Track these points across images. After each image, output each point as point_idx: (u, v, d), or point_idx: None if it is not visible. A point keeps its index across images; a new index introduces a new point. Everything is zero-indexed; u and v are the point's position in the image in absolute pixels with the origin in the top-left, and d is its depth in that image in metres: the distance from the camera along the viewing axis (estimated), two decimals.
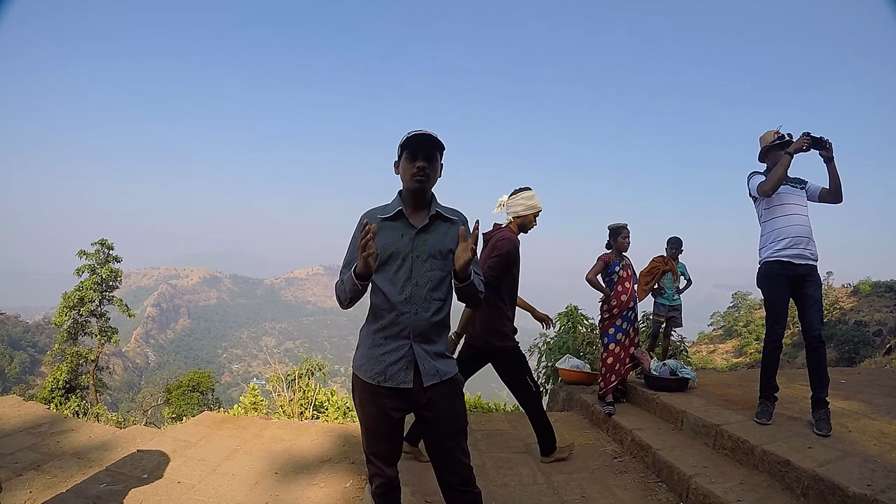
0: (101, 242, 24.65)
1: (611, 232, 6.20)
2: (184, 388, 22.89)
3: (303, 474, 4.67)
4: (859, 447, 4.16)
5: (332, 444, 5.42)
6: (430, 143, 2.62)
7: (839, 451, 4.06)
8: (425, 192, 2.69)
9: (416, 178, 2.61)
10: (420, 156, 2.61)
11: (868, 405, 5.49)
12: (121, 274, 25.30)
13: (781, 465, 3.96)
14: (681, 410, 5.36)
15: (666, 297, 8.02)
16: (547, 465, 4.82)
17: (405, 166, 2.65)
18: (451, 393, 2.72)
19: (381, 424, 2.67)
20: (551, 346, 9.29)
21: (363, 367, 2.67)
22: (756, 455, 4.23)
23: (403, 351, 2.61)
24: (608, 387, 6.02)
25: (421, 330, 2.62)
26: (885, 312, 39.02)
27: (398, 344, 2.61)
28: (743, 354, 45.36)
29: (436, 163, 2.67)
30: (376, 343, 2.65)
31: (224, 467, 4.69)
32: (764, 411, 4.87)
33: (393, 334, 2.62)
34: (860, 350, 32.29)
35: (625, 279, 6.11)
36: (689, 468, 4.31)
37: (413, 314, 2.61)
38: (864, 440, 4.33)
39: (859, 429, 4.63)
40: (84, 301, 23.50)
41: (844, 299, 45.18)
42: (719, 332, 57.49)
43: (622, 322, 6.09)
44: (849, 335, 35.10)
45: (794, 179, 4.79)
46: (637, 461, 4.96)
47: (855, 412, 5.20)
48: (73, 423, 5.88)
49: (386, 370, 2.60)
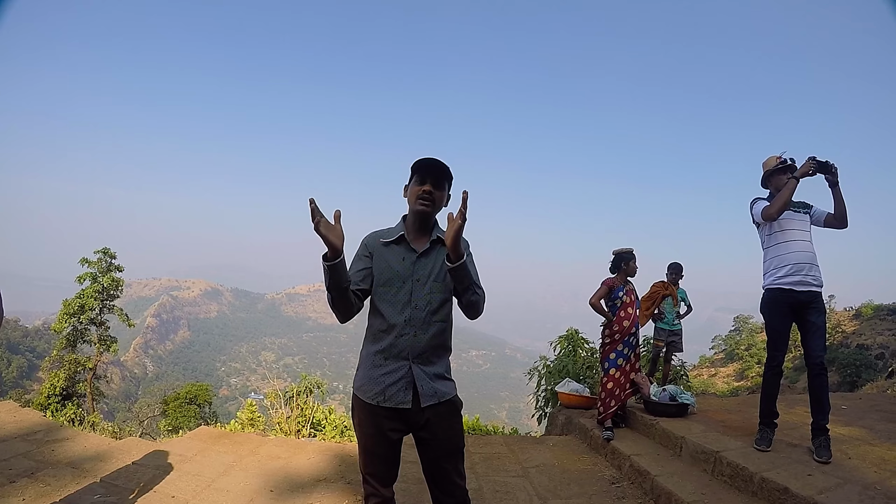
0: (104, 251, 24.64)
1: (618, 257, 6.20)
2: (181, 400, 22.83)
3: (298, 493, 4.63)
4: (859, 474, 4.16)
5: (328, 463, 5.39)
6: (440, 170, 2.66)
7: (839, 479, 4.06)
8: (429, 216, 2.72)
9: (421, 201, 2.64)
10: (428, 180, 2.64)
11: (869, 431, 5.48)
12: (122, 283, 25.27)
13: (780, 492, 3.94)
14: (680, 436, 5.34)
15: (666, 322, 8.02)
16: (544, 491, 4.78)
17: (413, 189, 2.68)
18: (449, 414, 2.72)
19: (379, 445, 2.67)
20: (551, 369, 9.25)
21: (363, 388, 2.68)
22: (755, 482, 4.20)
23: (402, 372, 2.62)
24: (607, 412, 6.00)
25: (420, 351, 2.64)
26: (888, 335, 38.90)
27: (398, 365, 2.62)
28: (744, 378, 45.24)
29: (443, 190, 2.70)
30: (376, 364, 2.66)
31: (219, 483, 4.67)
32: (763, 438, 4.85)
33: (392, 355, 2.63)
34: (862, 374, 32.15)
35: (628, 304, 6.10)
36: (688, 495, 4.29)
37: (412, 336, 2.62)
38: (864, 467, 4.33)
39: (860, 455, 4.63)
40: (84, 309, 23.46)
41: (846, 322, 45.10)
42: (721, 356, 57.41)
43: (624, 347, 6.08)
44: (851, 358, 34.97)
45: (799, 204, 4.79)
46: (635, 487, 4.92)
47: (855, 438, 5.19)
48: (69, 431, 5.86)
49: (385, 391, 2.61)
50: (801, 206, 4.79)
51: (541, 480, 5.05)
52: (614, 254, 6.24)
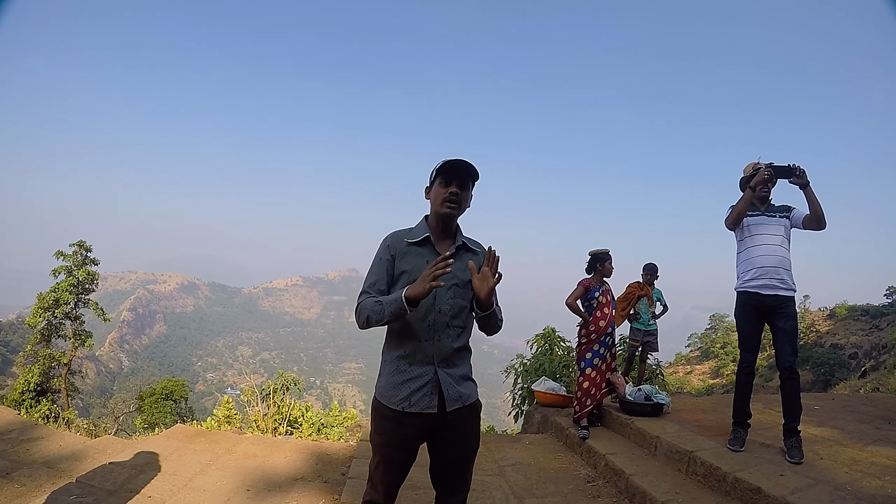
0: (80, 244, 24.37)
1: (594, 258, 6.24)
2: (157, 395, 22.70)
3: (275, 492, 4.63)
4: (830, 475, 4.23)
5: (304, 461, 5.39)
6: (466, 170, 2.62)
7: (810, 479, 4.13)
8: (454, 219, 2.70)
9: (448, 204, 2.61)
10: (454, 182, 2.61)
11: (841, 432, 5.58)
12: (98, 277, 25.01)
13: (753, 492, 4.01)
14: (655, 436, 5.40)
15: (641, 323, 8.08)
16: (520, 489, 4.81)
17: (438, 191, 2.64)
18: (471, 416, 2.73)
19: (399, 453, 2.66)
20: (528, 367, 9.27)
21: (387, 394, 2.64)
22: (728, 482, 4.27)
23: (428, 377, 2.60)
24: (583, 410, 6.05)
25: (444, 355, 2.63)
26: (861, 336, 39.43)
27: (423, 370, 2.61)
28: (720, 376, 45.63)
29: (468, 191, 2.67)
30: (400, 369, 2.64)
31: (196, 482, 4.64)
32: (736, 438, 4.93)
33: (417, 360, 2.62)
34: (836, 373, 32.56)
35: (604, 305, 6.15)
36: (662, 494, 4.34)
37: (436, 340, 2.61)
38: (835, 468, 4.41)
39: (831, 456, 4.71)
40: (59, 303, 23.20)
41: (821, 322, 45.66)
42: (696, 354, 57.83)
43: (600, 347, 6.13)
44: (824, 358, 35.40)
45: (779, 207, 4.84)
46: (610, 486, 4.96)
47: (827, 439, 5.28)
48: (44, 430, 5.83)
49: (411, 396, 2.59)
50: (779, 209, 4.84)
51: (517, 479, 5.07)
52: (590, 255, 6.28)
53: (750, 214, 4.91)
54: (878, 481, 4.11)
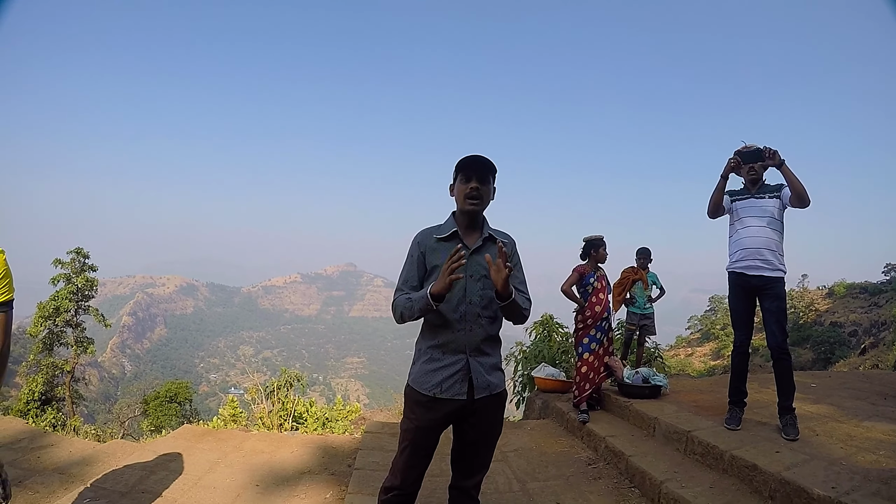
0: (77, 251, 24.38)
1: (588, 244, 6.30)
2: (161, 398, 22.72)
3: (283, 486, 4.71)
4: (826, 450, 4.30)
5: (311, 455, 5.47)
6: (483, 165, 2.73)
7: (806, 455, 4.20)
8: (478, 213, 2.80)
9: (469, 200, 2.73)
10: (474, 178, 2.72)
11: (837, 408, 5.64)
12: (96, 283, 25.04)
13: (749, 469, 4.09)
14: (653, 417, 5.49)
15: (637, 307, 8.14)
16: (523, 474, 4.89)
17: (459, 188, 2.76)
18: (497, 404, 2.84)
19: (428, 437, 2.78)
20: (527, 354, 9.35)
21: (419, 380, 2.77)
22: (725, 460, 4.35)
23: (460, 365, 2.72)
24: (582, 395, 6.13)
25: (476, 345, 2.75)
26: (860, 313, 39.65)
27: (456, 358, 2.73)
28: (720, 357, 45.74)
29: (488, 185, 2.77)
30: (434, 358, 2.76)
31: (206, 480, 4.71)
32: (733, 417, 5.02)
33: (450, 350, 2.73)
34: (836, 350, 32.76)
35: (599, 290, 6.22)
36: (661, 473, 4.42)
37: (468, 331, 2.73)
38: (830, 443, 4.47)
39: (827, 432, 4.78)
40: (59, 311, 23.23)
41: (820, 301, 45.83)
42: (697, 336, 57.98)
43: (596, 332, 6.22)
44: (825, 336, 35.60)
45: (772, 187, 4.85)
46: (611, 467, 5.05)
47: (823, 416, 5.35)
48: (53, 437, 5.88)
49: (442, 383, 2.71)
50: (771, 189, 4.86)
51: (519, 464, 5.16)
52: (585, 241, 6.34)
53: (738, 198, 4.97)
54: (873, 456, 4.17)
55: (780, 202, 4.79)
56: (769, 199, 4.82)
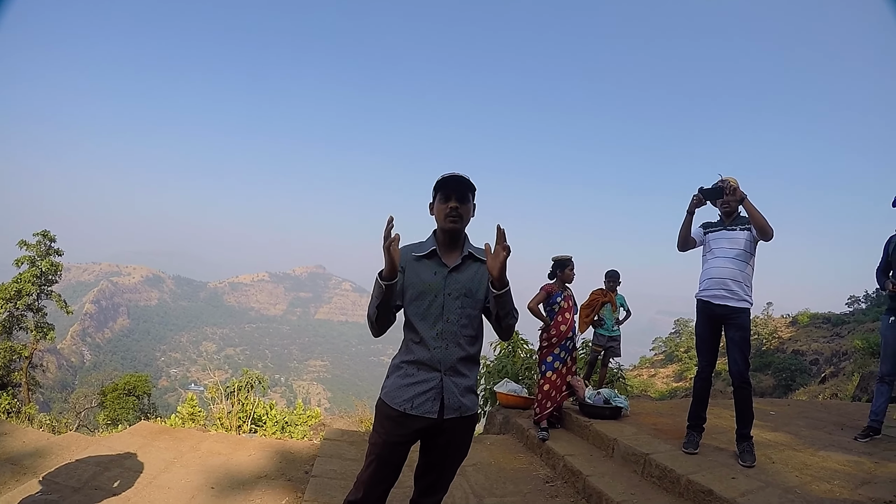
0: (43, 234, 23.95)
1: (556, 264, 6.38)
2: (119, 391, 22.36)
3: (239, 490, 4.67)
4: (781, 478, 4.39)
5: (268, 459, 5.43)
6: (463, 184, 2.73)
7: (761, 482, 4.28)
8: (459, 231, 2.79)
9: (449, 219, 2.72)
10: (453, 196, 2.72)
11: (794, 437, 5.75)
12: (61, 268, 24.61)
13: (705, 494, 4.14)
14: (612, 438, 5.53)
15: (605, 329, 8.20)
16: (480, 489, 4.90)
17: (439, 207, 2.76)
18: (466, 427, 2.84)
19: (395, 454, 2.75)
20: (490, 369, 9.37)
21: (391, 394, 2.75)
22: (682, 484, 4.40)
23: (434, 383, 2.70)
24: (543, 413, 6.16)
25: (452, 364, 2.73)
26: (822, 343, 40.44)
27: (430, 376, 2.71)
28: (683, 379, 46.24)
29: (468, 203, 2.78)
30: (408, 373, 2.75)
31: (160, 480, 4.66)
32: (691, 441, 5.10)
33: (425, 367, 2.72)
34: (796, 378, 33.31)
35: (565, 310, 6.27)
36: (618, 495, 4.46)
37: (444, 349, 2.72)
38: (786, 471, 4.56)
39: (783, 460, 4.88)
40: (21, 294, 22.81)
41: (783, 329, 46.64)
42: (661, 357, 58.53)
43: (560, 351, 6.26)
44: (786, 363, 36.23)
45: (746, 219, 4.90)
46: (568, 486, 5.07)
47: (781, 444, 5.45)
48: (7, 426, 5.80)
49: (414, 399, 2.69)
50: (744, 221, 4.92)
51: (477, 479, 5.15)
52: (553, 260, 6.41)
53: (712, 230, 5.08)
54: (828, 485, 4.26)
55: (751, 234, 4.86)
56: (741, 232, 4.91)
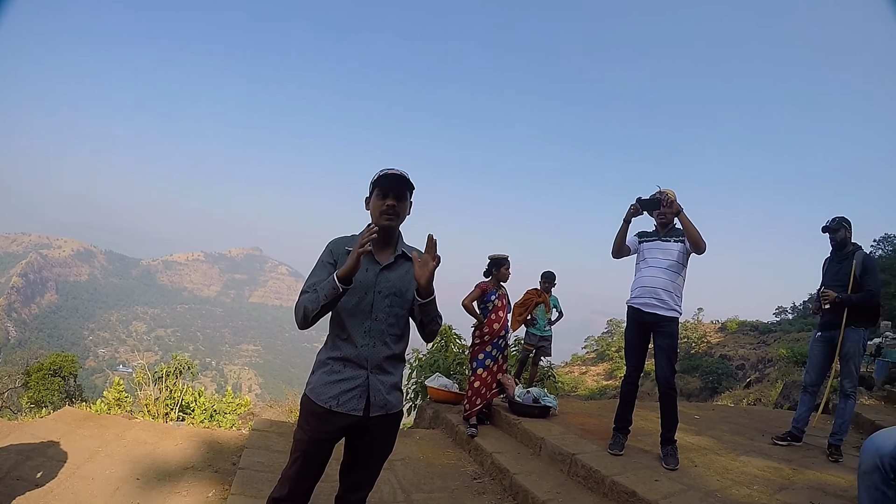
0: None
1: (492, 262, 6.45)
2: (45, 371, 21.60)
3: (165, 481, 4.61)
4: (703, 482, 4.57)
5: (195, 450, 5.38)
6: (401, 182, 2.70)
7: (683, 485, 4.44)
8: (393, 230, 2.79)
9: (385, 216, 2.71)
10: (390, 194, 2.70)
11: (717, 441, 5.98)
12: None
13: (629, 495, 4.27)
14: (540, 437, 5.64)
15: (538, 328, 8.31)
16: (408, 484, 4.94)
17: (375, 203, 2.72)
18: (391, 424, 2.85)
19: (320, 450, 2.73)
20: (422, 362, 9.40)
21: (317, 391, 2.71)
22: (606, 485, 4.53)
23: (360, 381, 2.68)
24: (473, 409, 6.25)
25: (378, 362, 2.72)
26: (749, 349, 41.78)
27: (356, 373, 2.69)
28: (613, 378, 47.03)
29: (405, 201, 2.76)
30: (335, 370, 2.71)
31: (84, 470, 4.57)
32: (616, 442, 5.25)
33: (351, 364, 2.70)
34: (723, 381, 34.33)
35: (499, 308, 6.37)
36: (543, 493, 4.56)
37: (371, 347, 2.70)
38: (708, 475, 4.75)
39: (705, 464, 5.08)
40: None
41: (712, 334, 48.01)
42: (592, 355, 59.38)
43: (492, 349, 6.36)
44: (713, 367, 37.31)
45: (680, 231, 5.01)
46: (495, 483, 5.16)
47: (704, 448, 5.66)
48: None
49: (340, 396, 2.66)
50: (679, 233, 5.04)
51: (406, 473, 5.19)
52: (490, 259, 6.50)
53: (646, 240, 5.21)
54: (747, 490, 4.46)
55: (684, 246, 5.00)
56: (674, 243, 5.04)
